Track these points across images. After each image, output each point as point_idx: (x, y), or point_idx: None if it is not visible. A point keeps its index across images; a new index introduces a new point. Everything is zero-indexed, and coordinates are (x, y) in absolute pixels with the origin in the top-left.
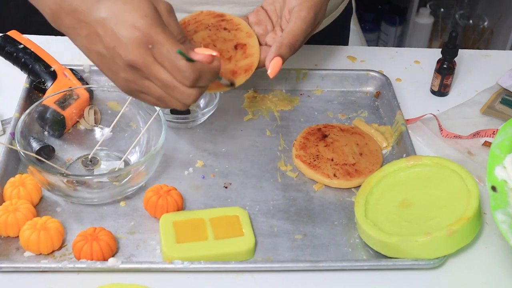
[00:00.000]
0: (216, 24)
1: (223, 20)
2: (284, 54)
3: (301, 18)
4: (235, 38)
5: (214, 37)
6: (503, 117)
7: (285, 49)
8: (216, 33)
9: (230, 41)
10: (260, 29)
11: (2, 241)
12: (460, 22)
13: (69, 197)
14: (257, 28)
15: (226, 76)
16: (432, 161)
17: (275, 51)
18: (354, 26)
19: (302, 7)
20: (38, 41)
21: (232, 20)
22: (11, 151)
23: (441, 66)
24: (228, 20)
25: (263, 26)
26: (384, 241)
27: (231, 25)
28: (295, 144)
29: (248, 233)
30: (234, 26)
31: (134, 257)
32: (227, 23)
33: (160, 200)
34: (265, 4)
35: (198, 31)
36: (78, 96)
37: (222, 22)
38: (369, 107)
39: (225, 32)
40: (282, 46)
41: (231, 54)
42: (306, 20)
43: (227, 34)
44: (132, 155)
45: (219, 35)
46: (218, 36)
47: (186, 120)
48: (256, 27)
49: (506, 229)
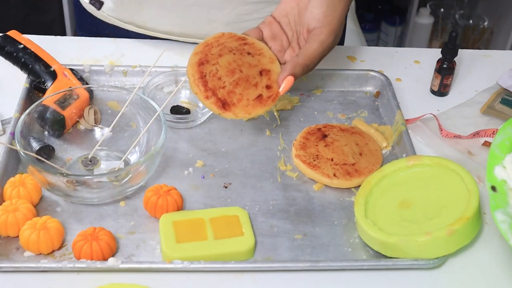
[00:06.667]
0: (239, 48)
1: (246, 44)
2: (297, 74)
3: (320, 41)
4: (259, 64)
5: (239, 62)
6: (503, 117)
7: (299, 69)
8: (241, 58)
9: (255, 66)
10: (277, 45)
11: (2, 241)
12: (460, 22)
13: (69, 197)
14: (273, 44)
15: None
16: (432, 161)
17: (289, 70)
18: (354, 26)
19: (322, 30)
20: (38, 41)
21: (254, 44)
22: (11, 151)
23: (441, 66)
24: (251, 44)
25: (279, 41)
26: (384, 241)
27: (254, 50)
28: (295, 144)
29: (248, 233)
30: (257, 50)
31: (134, 257)
32: (250, 47)
33: (160, 200)
34: (277, 16)
35: (223, 54)
36: (78, 96)
37: (245, 46)
38: (369, 107)
39: (249, 57)
40: (296, 66)
41: (257, 80)
42: (324, 44)
43: (251, 59)
44: (132, 155)
45: (244, 60)
46: (243, 61)
47: (186, 120)
48: (272, 43)
49: (506, 229)
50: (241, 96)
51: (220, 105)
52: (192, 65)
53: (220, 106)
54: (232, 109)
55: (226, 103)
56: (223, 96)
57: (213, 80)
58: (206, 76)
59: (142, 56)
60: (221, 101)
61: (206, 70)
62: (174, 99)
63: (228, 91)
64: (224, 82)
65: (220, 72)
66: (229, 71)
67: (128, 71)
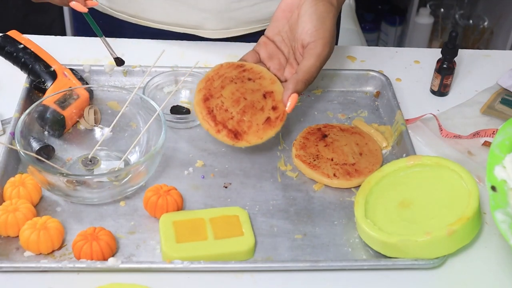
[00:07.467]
0: (239, 75)
1: (245, 70)
2: (300, 90)
3: (316, 55)
4: (261, 87)
5: (242, 89)
6: (503, 117)
7: (301, 86)
8: (243, 85)
9: (257, 91)
10: (275, 64)
11: (2, 241)
12: (460, 22)
13: (69, 197)
14: (271, 63)
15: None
16: (432, 161)
17: (292, 88)
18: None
19: (317, 44)
20: (38, 41)
21: (252, 69)
22: (11, 151)
23: (441, 66)
24: (249, 69)
25: (276, 60)
26: (384, 241)
27: (254, 74)
28: (295, 144)
29: (248, 233)
30: (256, 75)
31: (134, 257)
32: (249, 72)
33: (160, 200)
34: (271, 35)
35: (225, 86)
36: (78, 96)
37: (244, 73)
38: (369, 107)
39: (250, 82)
40: (298, 83)
41: (262, 104)
42: (321, 57)
43: (253, 85)
44: (132, 155)
45: (246, 87)
46: (246, 88)
47: (186, 120)
48: (270, 62)
49: (506, 229)
50: (250, 123)
51: (232, 136)
52: (198, 102)
53: (233, 137)
54: (244, 138)
55: (238, 133)
56: (234, 127)
57: (221, 113)
58: (213, 110)
59: (142, 56)
60: (232, 132)
61: (212, 105)
62: (174, 99)
63: (237, 120)
64: (232, 113)
65: (226, 104)
66: (234, 101)
67: (128, 71)
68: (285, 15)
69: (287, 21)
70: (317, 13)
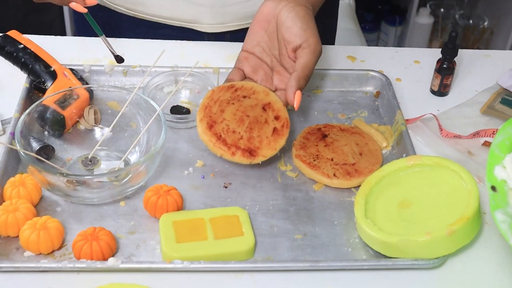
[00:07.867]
0: (234, 96)
1: (237, 90)
2: (302, 86)
3: (312, 51)
4: (258, 101)
5: (241, 108)
6: (503, 117)
7: (303, 81)
8: (241, 104)
9: (256, 106)
10: (261, 75)
11: (2, 241)
12: (460, 22)
13: (69, 197)
14: (257, 76)
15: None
16: (432, 161)
17: (295, 85)
18: (354, 26)
19: (309, 42)
20: (38, 41)
21: (243, 86)
22: (11, 151)
23: (441, 66)
24: (240, 87)
25: (262, 71)
26: (384, 241)
27: (247, 91)
28: (295, 144)
29: (248, 233)
30: (249, 91)
31: (134, 257)
32: (242, 90)
33: (160, 200)
34: (250, 48)
35: (224, 109)
36: (78, 96)
37: (237, 92)
38: (369, 107)
39: (246, 99)
40: (300, 79)
41: (265, 117)
42: (316, 52)
43: (249, 101)
44: (132, 155)
45: (245, 105)
46: (245, 106)
47: (186, 120)
48: (256, 76)
49: (506, 229)
50: (260, 138)
51: (247, 155)
52: (204, 131)
53: (248, 156)
54: (259, 153)
55: (252, 150)
56: (246, 146)
57: (229, 136)
58: (221, 135)
59: (142, 56)
60: (247, 151)
61: (219, 130)
62: (174, 99)
63: (247, 139)
64: (240, 133)
65: (232, 126)
66: (238, 121)
67: (128, 71)
68: (262, 25)
69: (265, 31)
70: (299, 16)
